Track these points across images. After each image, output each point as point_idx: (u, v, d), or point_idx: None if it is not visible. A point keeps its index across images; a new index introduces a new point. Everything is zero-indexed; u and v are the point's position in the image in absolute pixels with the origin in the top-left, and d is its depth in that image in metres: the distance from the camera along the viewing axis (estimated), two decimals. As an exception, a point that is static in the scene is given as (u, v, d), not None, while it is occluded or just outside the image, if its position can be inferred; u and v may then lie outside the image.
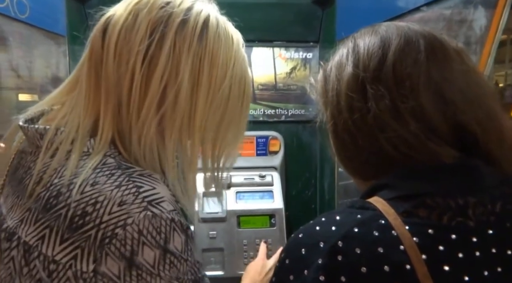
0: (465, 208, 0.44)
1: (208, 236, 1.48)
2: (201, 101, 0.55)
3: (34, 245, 0.48)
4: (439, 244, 0.41)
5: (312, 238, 0.45)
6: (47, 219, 0.47)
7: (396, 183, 0.47)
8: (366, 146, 0.48)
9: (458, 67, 0.48)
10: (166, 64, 0.52)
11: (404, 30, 0.50)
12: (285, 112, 1.78)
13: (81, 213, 0.46)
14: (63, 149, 0.51)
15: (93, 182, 0.48)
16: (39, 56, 1.25)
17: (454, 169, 0.46)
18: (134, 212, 0.46)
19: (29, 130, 0.55)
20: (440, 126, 0.46)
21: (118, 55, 0.53)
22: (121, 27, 0.53)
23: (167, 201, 0.49)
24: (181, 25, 0.53)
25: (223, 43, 0.56)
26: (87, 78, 0.55)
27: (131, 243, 0.46)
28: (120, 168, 0.50)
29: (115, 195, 0.47)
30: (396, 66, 0.47)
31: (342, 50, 0.54)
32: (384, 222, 0.43)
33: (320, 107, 0.56)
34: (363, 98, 0.48)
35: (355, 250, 0.41)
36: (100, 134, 0.53)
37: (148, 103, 0.53)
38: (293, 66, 1.76)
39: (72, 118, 0.54)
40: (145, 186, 0.49)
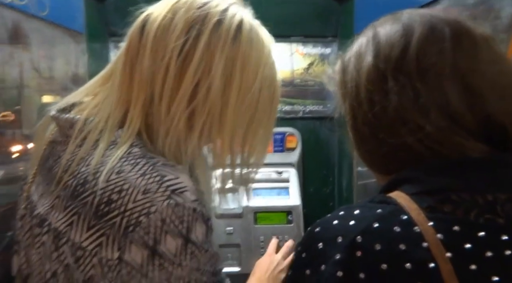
0: (494, 205, 0.41)
1: (225, 232, 1.49)
2: (232, 100, 0.56)
3: (64, 231, 0.49)
4: (465, 241, 0.39)
5: (330, 233, 0.43)
6: (75, 205, 0.49)
7: (419, 177, 0.44)
8: (387, 139, 0.46)
9: (486, 56, 0.45)
10: (200, 61, 0.54)
11: (428, 17, 0.48)
12: (303, 108, 1.76)
13: (107, 201, 0.48)
14: (91, 139, 0.53)
15: (118, 171, 0.49)
16: (59, 54, 1.28)
17: (482, 164, 0.43)
18: (157, 200, 0.47)
19: (60, 120, 0.57)
20: (466, 118, 0.44)
21: (155, 50, 0.55)
22: (159, 24, 0.55)
23: (190, 191, 0.50)
24: (216, 25, 0.55)
25: (255, 46, 0.58)
26: (122, 71, 0.57)
27: (154, 231, 0.47)
28: (145, 157, 0.51)
29: (139, 183, 0.48)
30: (420, 56, 0.45)
31: (361, 40, 0.52)
32: (406, 218, 0.41)
33: (338, 99, 0.55)
34: (384, 90, 0.46)
35: (374, 246, 0.40)
36: (128, 125, 0.54)
37: (179, 98, 0.54)
38: (310, 61, 1.74)
39: (104, 108, 0.56)
40: (168, 175, 0.50)
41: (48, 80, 1.21)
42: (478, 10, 0.78)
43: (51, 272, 0.50)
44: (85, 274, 0.48)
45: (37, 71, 1.15)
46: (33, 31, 1.10)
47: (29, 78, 1.11)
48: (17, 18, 1.03)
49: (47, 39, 1.19)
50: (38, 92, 1.17)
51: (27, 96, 1.11)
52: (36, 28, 1.11)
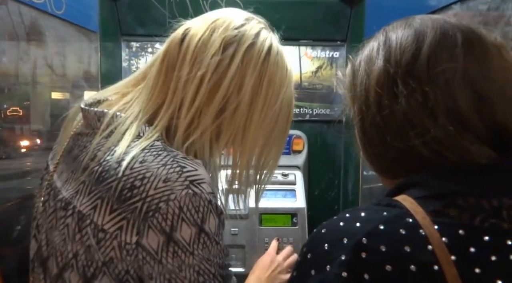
0: (499, 210, 0.41)
1: (230, 233, 1.49)
2: (256, 115, 0.62)
3: (87, 214, 0.52)
4: (470, 245, 0.40)
5: (336, 234, 0.44)
6: (99, 190, 0.52)
7: (426, 181, 0.45)
8: (395, 143, 0.47)
9: (497, 63, 0.46)
10: (233, 78, 0.60)
11: (440, 23, 0.48)
12: (310, 111, 1.77)
13: (130, 187, 0.50)
14: (119, 131, 0.57)
15: (142, 160, 0.52)
16: (72, 52, 1.30)
17: (489, 169, 0.44)
18: (177, 189, 0.50)
19: (89, 113, 0.61)
20: (475, 125, 0.44)
21: (193, 62, 0.60)
22: (199, 39, 0.61)
23: (207, 183, 0.53)
24: (250, 47, 0.61)
25: (280, 69, 0.64)
26: (156, 76, 0.62)
27: (171, 218, 0.49)
28: (166, 150, 0.55)
29: (161, 173, 0.51)
30: (431, 61, 0.45)
31: (372, 44, 0.52)
32: (411, 221, 0.41)
33: (347, 102, 0.55)
34: (393, 94, 0.46)
35: (380, 247, 0.40)
36: (156, 123, 0.59)
37: (211, 109, 0.59)
38: (319, 65, 1.75)
39: (135, 106, 0.61)
40: (188, 166, 0.53)
41: (60, 77, 1.23)
42: (489, 17, 0.78)
43: (73, 253, 0.53)
44: (105, 256, 0.50)
45: (50, 68, 1.17)
46: (49, 29, 1.12)
47: (42, 75, 1.13)
48: (35, 15, 1.05)
49: (61, 37, 1.21)
50: (50, 88, 1.19)
51: (37, 93, 1.13)
52: (52, 26, 1.14)
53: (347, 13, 1.68)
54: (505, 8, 0.74)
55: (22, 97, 1.07)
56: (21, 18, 1.00)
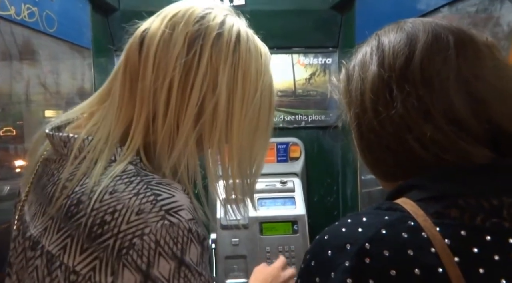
0: (499, 209, 0.41)
1: (230, 243, 1.48)
2: (236, 111, 0.56)
3: (57, 255, 0.47)
4: (473, 246, 0.40)
5: (339, 240, 0.43)
6: (69, 228, 0.47)
7: (425, 184, 0.45)
8: (393, 146, 0.47)
9: (489, 63, 0.46)
10: (204, 77, 0.54)
11: (432, 25, 0.48)
12: (305, 118, 1.77)
13: (100, 222, 0.46)
14: (90, 158, 0.52)
15: (112, 190, 0.48)
16: (66, 69, 1.30)
17: (488, 169, 0.44)
18: (151, 221, 0.46)
19: (54, 138, 0.56)
20: (472, 125, 0.44)
21: (156, 67, 0.54)
22: (159, 40, 0.54)
23: (186, 210, 0.48)
24: (216, 39, 0.55)
25: (253, 56, 0.58)
26: (121, 89, 0.56)
27: (147, 254, 0.45)
28: (139, 175, 0.50)
29: (133, 204, 0.46)
30: (424, 64, 0.45)
31: (365, 48, 0.52)
32: (413, 224, 0.41)
33: (342, 107, 0.55)
34: (389, 98, 0.46)
35: (383, 252, 0.40)
36: (128, 143, 0.53)
37: (187, 115, 0.54)
38: (312, 72, 1.76)
39: (103, 127, 0.55)
40: (163, 194, 0.48)
41: (54, 94, 1.23)
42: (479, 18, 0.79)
43: None
44: None
45: (44, 86, 1.17)
46: (42, 47, 1.12)
47: (35, 93, 1.13)
48: (27, 34, 1.05)
49: (54, 54, 1.21)
50: (43, 106, 1.19)
51: (30, 111, 1.12)
52: (45, 44, 1.14)
53: (337, 19, 1.69)
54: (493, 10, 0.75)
55: (15, 116, 1.06)
56: (13, 37, 1.00)
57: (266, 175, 1.62)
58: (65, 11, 1.22)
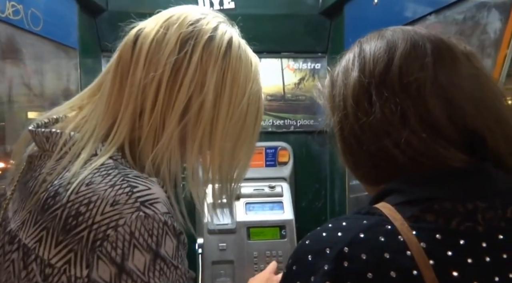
0: (474, 213, 0.43)
1: (217, 248, 1.46)
2: (222, 114, 0.57)
3: (32, 248, 0.47)
4: (447, 249, 0.41)
5: (319, 244, 0.44)
6: (44, 220, 0.47)
7: (403, 188, 0.46)
8: (373, 151, 0.48)
9: (466, 70, 0.47)
10: (193, 76, 0.55)
11: (411, 34, 0.50)
12: (294, 123, 1.77)
13: (75, 214, 0.46)
14: (72, 152, 0.52)
15: (88, 182, 0.47)
16: (51, 69, 1.27)
17: (463, 174, 0.45)
18: (126, 212, 0.46)
19: (37, 134, 0.56)
20: (448, 130, 0.45)
21: (148, 64, 0.55)
22: (153, 39, 0.56)
23: (161, 203, 0.48)
24: (208, 42, 0.57)
25: (243, 63, 0.60)
26: (111, 84, 0.57)
27: (122, 245, 0.45)
28: (117, 168, 0.50)
29: (108, 195, 0.46)
30: (402, 71, 0.47)
31: (348, 55, 0.54)
32: (390, 227, 0.42)
33: (327, 113, 0.57)
34: (369, 103, 0.48)
35: (361, 256, 0.41)
36: (111, 137, 0.54)
37: (174, 112, 0.55)
38: (301, 76, 1.77)
39: (90, 120, 0.55)
40: (139, 186, 0.48)
41: (38, 95, 1.20)
42: (466, 26, 0.81)
43: None
44: None
45: (28, 87, 1.14)
46: (26, 46, 1.10)
47: (18, 94, 1.10)
48: (11, 32, 1.03)
49: (39, 53, 1.19)
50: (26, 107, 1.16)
51: (12, 112, 1.09)
52: (30, 42, 1.11)
53: (327, 25, 1.71)
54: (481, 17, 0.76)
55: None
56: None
57: (254, 180, 1.61)
58: (51, 10, 1.20)
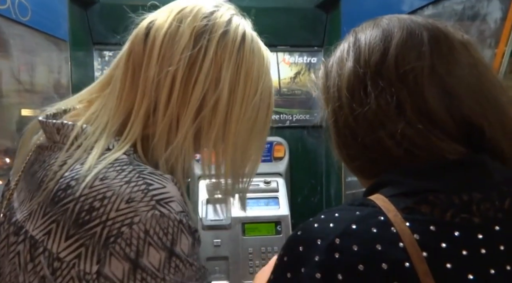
0: (469, 205, 0.42)
1: (212, 244, 1.45)
2: (236, 110, 0.56)
3: (40, 240, 0.46)
4: (441, 241, 0.40)
5: (310, 235, 0.44)
6: (55, 212, 0.46)
7: (398, 180, 0.45)
8: (368, 143, 0.47)
9: (464, 60, 0.46)
10: (208, 71, 0.54)
11: (407, 22, 0.49)
12: (290, 118, 1.76)
13: (88, 208, 0.45)
14: (85, 146, 0.51)
15: (102, 177, 0.47)
16: (41, 62, 1.24)
17: (459, 165, 0.44)
18: (141, 210, 0.45)
19: (47, 125, 0.55)
20: (445, 121, 0.45)
21: (161, 59, 0.54)
22: (166, 32, 0.55)
23: (176, 202, 0.48)
24: (222, 36, 0.56)
25: (256, 58, 0.59)
26: (123, 78, 0.56)
27: (136, 243, 0.44)
28: (132, 164, 0.49)
29: (123, 191, 0.46)
30: (399, 60, 0.46)
31: (343, 45, 0.53)
32: (383, 219, 0.41)
33: (321, 104, 0.56)
34: (364, 94, 0.47)
35: (352, 247, 0.40)
36: (126, 133, 0.53)
37: (189, 109, 0.54)
38: (297, 70, 1.75)
39: (102, 115, 0.55)
40: (155, 184, 0.48)
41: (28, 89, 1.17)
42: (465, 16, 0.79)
43: None
44: None
45: (16, 79, 1.11)
46: (14, 37, 1.07)
47: (8, 87, 1.07)
48: (-3, 22, 1.00)
49: (28, 45, 1.16)
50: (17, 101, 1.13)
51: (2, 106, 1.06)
52: (17, 33, 1.08)
53: (323, 18, 1.69)
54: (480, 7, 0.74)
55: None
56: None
57: (249, 175, 1.59)
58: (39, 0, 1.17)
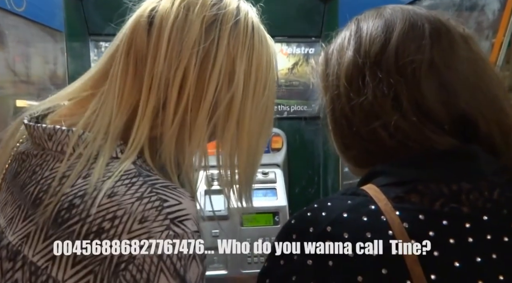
0: (458, 194, 0.43)
1: (210, 235, 1.46)
2: (248, 106, 0.52)
3: (43, 267, 0.42)
4: (429, 229, 0.41)
5: (303, 224, 0.45)
6: (58, 236, 0.42)
7: (390, 170, 0.46)
8: (363, 133, 0.48)
9: (464, 54, 0.47)
10: (222, 65, 0.50)
11: (410, 14, 0.49)
12: (287, 109, 1.76)
13: (97, 230, 0.41)
14: (87, 155, 0.46)
15: (110, 193, 0.42)
16: (36, 53, 1.23)
17: (450, 155, 0.45)
18: (156, 231, 0.41)
19: (36, 130, 0.49)
20: (440, 115, 0.45)
21: (169, 53, 0.48)
22: (173, 23, 0.49)
23: (192, 220, 0.44)
24: (234, 26, 0.51)
25: (265, 47, 0.55)
26: (122, 74, 0.50)
27: (148, 269, 0.40)
28: (141, 176, 0.45)
29: (136, 210, 0.41)
30: (399, 52, 0.46)
31: (344, 33, 0.53)
32: (374, 208, 0.42)
33: (320, 92, 0.55)
34: (361, 84, 0.47)
35: (343, 235, 0.41)
36: (133, 138, 0.48)
37: (204, 107, 0.49)
38: (295, 61, 1.74)
39: (102, 116, 0.49)
40: (170, 200, 0.43)
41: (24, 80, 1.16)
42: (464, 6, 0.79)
43: None
44: None
45: (13, 71, 1.10)
46: (9, 28, 1.05)
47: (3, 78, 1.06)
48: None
49: (24, 36, 1.14)
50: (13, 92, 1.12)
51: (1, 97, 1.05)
52: (13, 24, 1.07)
53: (320, 9, 1.68)
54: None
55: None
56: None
57: (247, 166, 1.59)
58: (34, -10, 1.16)
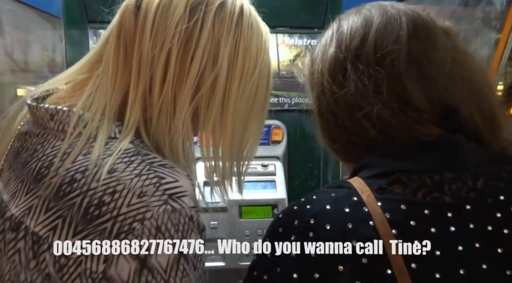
0: (441, 184, 0.44)
1: (208, 227, 1.45)
2: (234, 88, 0.53)
3: (45, 237, 0.44)
4: (410, 219, 0.42)
5: (289, 217, 0.47)
6: (60, 208, 0.44)
7: (374, 162, 0.47)
8: (348, 125, 0.49)
9: (443, 44, 0.48)
10: (205, 46, 0.51)
11: (387, 8, 0.52)
12: (288, 101, 1.74)
13: (97, 203, 0.43)
14: (86, 134, 0.48)
15: (110, 169, 0.44)
16: (35, 40, 1.21)
17: (433, 146, 0.46)
18: (153, 205, 0.43)
19: (38, 110, 0.51)
20: (422, 104, 0.46)
21: (154, 34, 0.51)
22: (158, 4, 0.51)
23: (188, 196, 0.46)
24: (220, 8, 0.53)
25: (255, 32, 0.56)
26: (115, 55, 0.52)
27: (147, 240, 0.43)
28: (140, 154, 0.47)
29: (134, 185, 0.44)
30: (377, 44, 0.48)
31: (328, 32, 0.56)
32: (356, 199, 0.44)
33: (307, 90, 0.58)
34: (344, 78, 0.49)
35: (325, 226, 0.43)
36: (127, 118, 0.50)
37: (186, 89, 0.51)
38: (297, 53, 1.72)
39: (98, 97, 0.51)
40: (167, 177, 0.46)
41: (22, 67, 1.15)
42: None
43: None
44: None
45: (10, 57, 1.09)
46: (6, 12, 1.03)
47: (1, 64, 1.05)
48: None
49: (21, 22, 1.12)
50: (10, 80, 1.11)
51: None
52: (9, 9, 1.05)
53: (324, 0, 1.65)
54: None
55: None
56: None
57: (247, 158, 1.58)
58: (31, -26, 1.14)
